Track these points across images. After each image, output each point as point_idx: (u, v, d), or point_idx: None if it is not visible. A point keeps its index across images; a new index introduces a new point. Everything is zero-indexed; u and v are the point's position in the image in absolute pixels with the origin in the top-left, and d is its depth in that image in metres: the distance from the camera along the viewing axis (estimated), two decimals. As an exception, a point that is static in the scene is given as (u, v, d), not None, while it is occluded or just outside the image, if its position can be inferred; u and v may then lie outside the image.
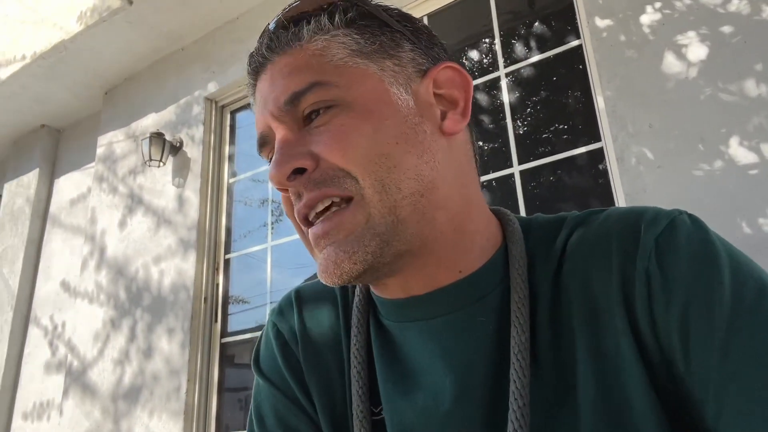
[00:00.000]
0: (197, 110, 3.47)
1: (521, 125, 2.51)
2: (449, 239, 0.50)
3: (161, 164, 3.42)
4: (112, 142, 3.89)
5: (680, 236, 0.45)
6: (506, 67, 2.59)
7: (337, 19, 0.50)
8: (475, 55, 2.75)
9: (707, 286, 0.43)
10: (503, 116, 2.52)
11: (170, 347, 3.04)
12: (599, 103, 2.21)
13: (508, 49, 2.63)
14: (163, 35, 3.59)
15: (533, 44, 2.57)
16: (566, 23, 2.46)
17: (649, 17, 2.13)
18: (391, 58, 0.51)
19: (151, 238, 3.38)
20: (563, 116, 2.43)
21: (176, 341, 3.03)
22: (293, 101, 0.49)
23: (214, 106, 3.50)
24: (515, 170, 2.41)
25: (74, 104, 4.29)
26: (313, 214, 0.48)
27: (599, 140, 2.21)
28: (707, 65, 1.97)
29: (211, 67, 3.49)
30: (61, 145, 4.59)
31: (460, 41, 2.81)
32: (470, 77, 0.54)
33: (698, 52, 2.00)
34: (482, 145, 2.57)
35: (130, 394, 3.10)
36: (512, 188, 2.40)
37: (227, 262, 3.25)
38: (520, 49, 2.61)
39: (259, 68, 0.53)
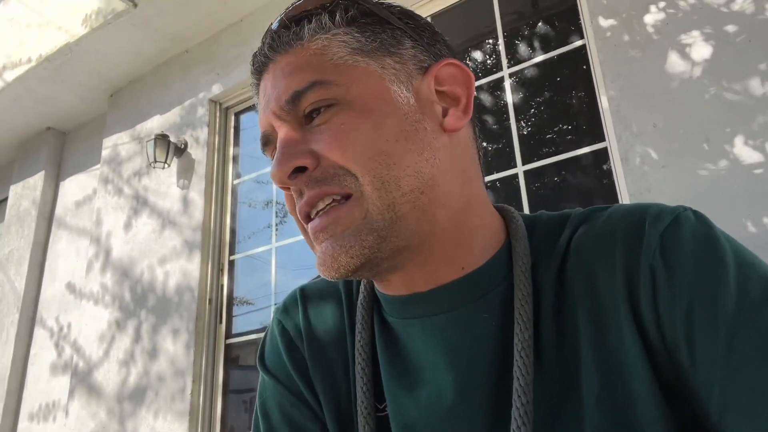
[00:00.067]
0: (202, 112, 3.48)
1: (525, 125, 2.51)
2: (451, 236, 0.50)
3: (166, 166, 3.43)
4: (117, 144, 3.90)
5: (685, 232, 0.45)
6: (510, 67, 2.59)
7: (338, 17, 0.50)
8: (478, 55, 2.75)
9: (712, 281, 0.42)
10: (507, 116, 2.52)
11: (175, 348, 3.05)
12: (603, 102, 2.20)
13: (511, 49, 2.63)
14: (167, 38, 3.61)
15: (537, 44, 2.57)
16: (570, 23, 2.46)
17: (652, 17, 2.13)
18: (392, 55, 0.51)
19: (156, 239, 3.39)
20: (567, 116, 2.42)
21: (181, 342, 3.04)
22: (294, 100, 0.49)
23: (218, 107, 3.52)
24: (519, 170, 2.41)
25: (79, 106, 4.31)
26: (314, 212, 0.49)
27: (603, 140, 2.21)
28: (711, 64, 1.97)
29: (215, 69, 3.50)
30: (66, 147, 4.61)
31: (463, 42, 2.81)
32: (472, 74, 0.53)
33: (702, 51, 2.00)
34: (486, 145, 2.57)
35: (135, 394, 3.11)
36: (516, 188, 2.39)
37: (232, 263, 3.26)
38: (523, 49, 2.61)
39: (261, 68, 0.53)
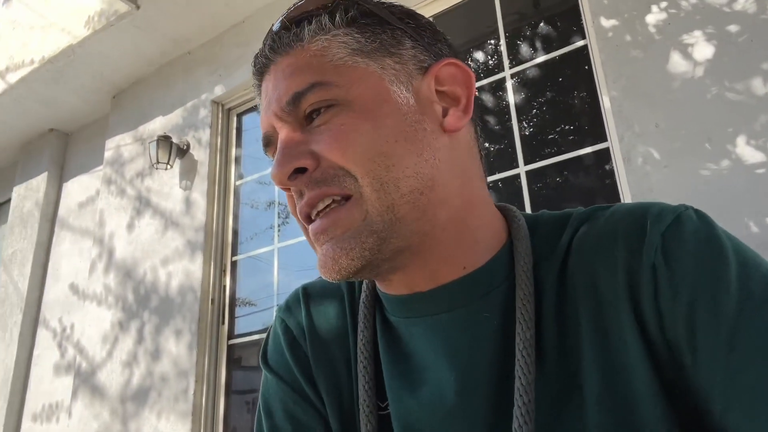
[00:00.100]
0: (204, 113, 3.49)
1: (527, 126, 2.51)
2: (451, 236, 0.50)
3: (168, 167, 3.44)
4: (119, 145, 3.91)
5: (686, 231, 0.45)
6: (512, 67, 2.59)
7: (337, 18, 0.50)
8: (480, 56, 2.75)
9: (714, 280, 0.42)
10: (509, 117, 2.52)
11: (178, 349, 3.05)
12: (605, 103, 2.20)
13: (513, 49, 2.63)
14: (170, 39, 3.61)
15: (538, 45, 2.57)
16: (571, 24, 2.46)
17: (654, 17, 2.13)
18: (391, 56, 0.51)
19: (158, 240, 3.40)
20: (569, 117, 2.42)
21: (184, 343, 3.04)
22: (295, 101, 0.49)
23: (220, 109, 3.52)
24: (521, 171, 2.41)
25: (82, 108, 4.32)
26: (314, 212, 0.49)
27: (605, 140, 2.21)
28: (713, 64, 1.97)
29: (217, 70, 3.51)
30: (69, 148, 4.62)
31: (465, 43, 2.82)
32: (472, 73, 0.53)
33: (704, 51, 1.99)
34: (488, 145, 2.57)
35: (138, 395, 3.11)
36: (518, 189, 2.39)
37: (234, 264, 3.26)
38: (525, 49, 2.61)
39: (263, 69, 0.53)
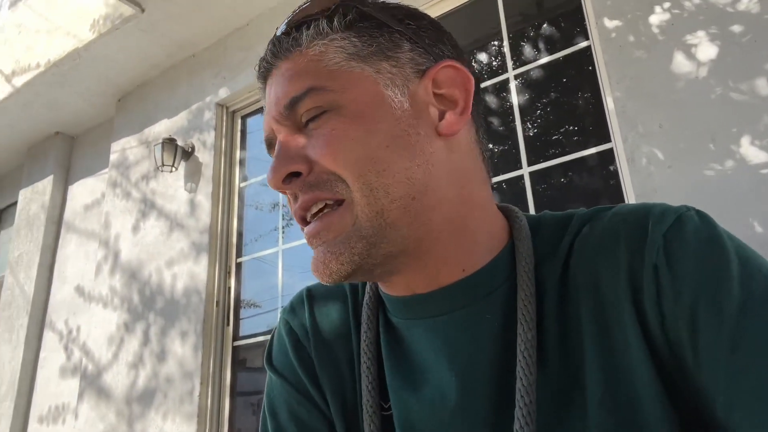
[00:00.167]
0: (208, 116, 3.50)
1: (531, 127, 2.51)
2: (448, 239, 0.50)
3: (173, 169, 3.45)
4: (125, 148, 3.93)
5: (688, 231, 0.45)
6: (515, 69, 2.59)
7: (335, 22, 0.51)
8: (483, 57, 2.75)
9: (715, 280, 0.42)
10: (512, 118, 2.52)
11: (183, 350, 3.06)
12: (609, 103, 2.20)
13: (516, 51, 2.63)
14: (174, 42, 3.63)
15: (542, 46, 2.57)
16: (574, 24, 2.46)
17: (657, 17, 2.12)
18: (388, 59, 0.51)
19: (163, 242, 3.41)
20: (573, 117, 2.42)
21: (189, 344, 3.05)
22: (292, 106, 0.50)
23: (225, 111, 3.54)
24: (525, 172, 2.40)
25: (88, 111, 4.34)
26: (309, 215, 0.50)
27: (609, 141, 2.20)
28: (717, 65, 1.96)
29: (221, 73, 3.52)
30: (74, 151, 4.65)
31: (468, 44, 2.82)
32: (471, 75, 0.53)
33: (708, 51, 1.99)
34: (492, 146, 2.57)
35: (144, 397, 3.12)
36: (522, 190, 2.39)
37: (239, 265, 3.27)
38: (528, 50, 2.61)
39: (266, 73, 0.54)
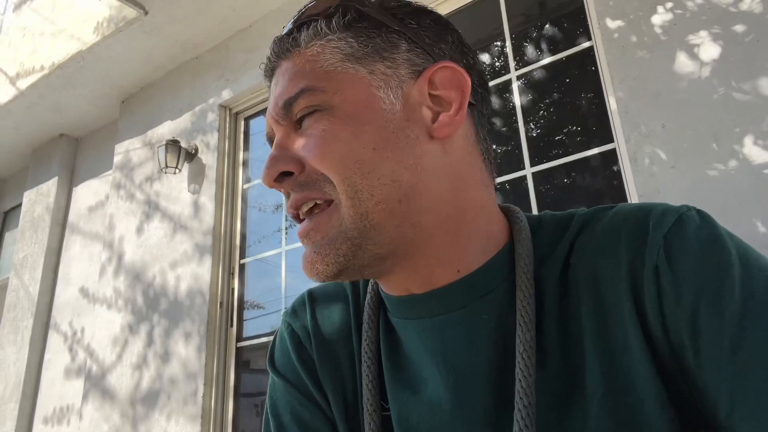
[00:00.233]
0: (212, 117, 3.51)
1: (533, 127, 2.51)
2: (441, 241, 0.49)
3: (177, 171, 3.46)
4: (129, 150, 3.94)
5: (689, 232, 0.45)
6: (518, 69, 2.59)
7: (334, 23, 0.51)
8: (486, 58, 2.75)
9: (717, 280, 0.42)
10: (515, 119, 2.52)
11: (187, 351, 3.07)
12: (611, 104, 2.20)
13: (519, 51, 2.63)
14: (178, 44, 3.64)
15: (544, 46, 2.57)
16: (577, 25, 2.46)
17: (660, 17, 2.12)
18: (383, 60, 0.50)
19: (167, 243, 3.42)
20: (575, 118, 2.42)
21: (193, 345, 3.06)
22: (287, 106, 0.50)
23: (228, 113, 3.54)
24: (527, 172, 2.40)
25: (92, 113, 4.36)
26: (301, 213, 0.50)
27: (612, 141, 2.20)
28: (720, 64, 1.96)
29: (225, 74, 3.53)
30: (79, 153, 4.67)
31: (471, 45, 2.81)
32: (467, 76, 0.52)
33: (711, 51, 1.99)
34: (495, 147, 2.57)
35: (148, 398, 3.13)
36: (525, 190, 2.39)
37: (242, 267, 3.27)
38: (531, 51, 2.61)
39: (269, 72, 0.55)
